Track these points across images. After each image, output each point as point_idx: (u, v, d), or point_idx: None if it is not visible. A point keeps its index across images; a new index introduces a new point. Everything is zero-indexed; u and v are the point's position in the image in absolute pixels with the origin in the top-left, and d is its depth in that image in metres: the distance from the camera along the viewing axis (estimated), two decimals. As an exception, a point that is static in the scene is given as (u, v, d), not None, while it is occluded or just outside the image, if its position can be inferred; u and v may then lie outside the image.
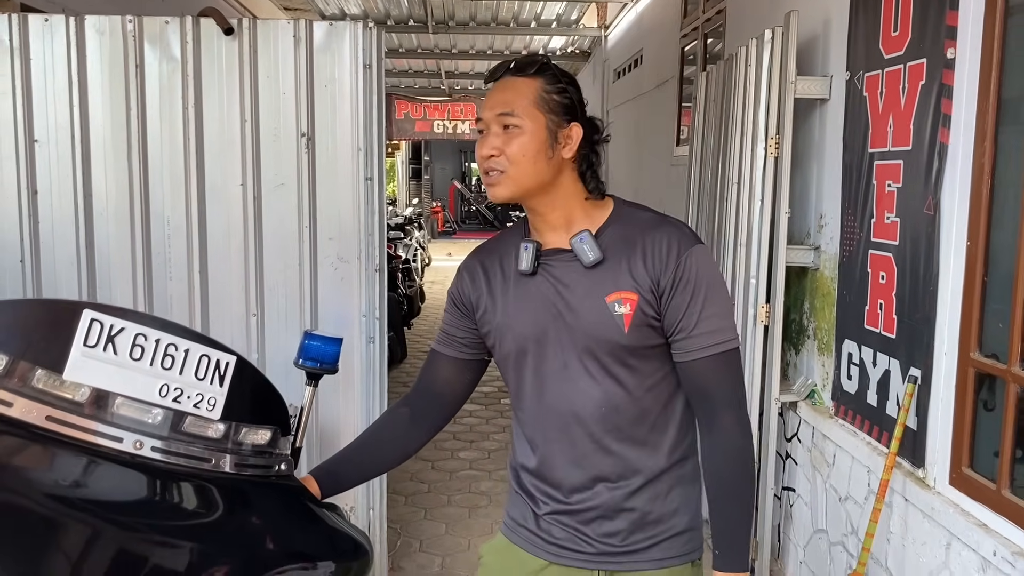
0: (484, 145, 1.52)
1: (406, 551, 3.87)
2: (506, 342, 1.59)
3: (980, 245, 2.32)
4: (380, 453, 1.67)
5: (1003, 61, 2.25)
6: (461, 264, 1.71)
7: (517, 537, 1.65)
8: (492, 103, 1.53)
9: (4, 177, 3.18)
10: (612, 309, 1.49)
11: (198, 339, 1.28)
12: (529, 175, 1.50)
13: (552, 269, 1.55)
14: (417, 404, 1.71)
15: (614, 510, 1.57)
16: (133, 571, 1.12)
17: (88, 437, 1.17)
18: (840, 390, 3.09)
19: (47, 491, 1.11)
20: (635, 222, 1.55)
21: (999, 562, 2.11)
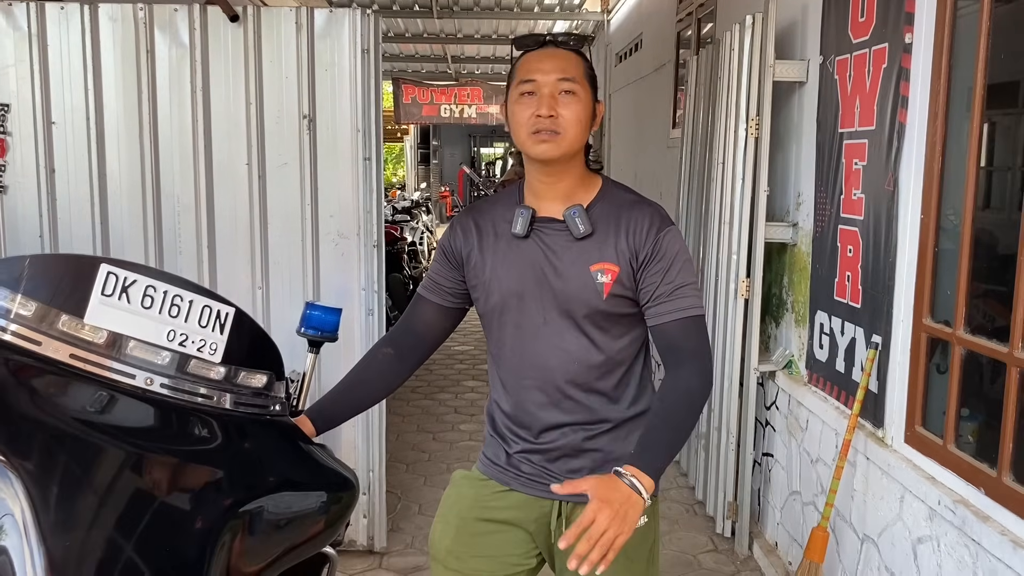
0: (543, 105, 1.61)
1: (405, 514, 4.06)
2: (492, 296, 1.74)
3: (932, 218, 2.48)
4: (367, 390, 1.84)
5: (953, 46, 2.40)
6: (455, 219, 1.86)
7: (490, 471, 1.83)
8: (550, 67, 1.64)
9: (23, 157, 3.38)
10: (595, 277, 1.67)
11: (201, 292, 1.47)
12: (576, 141, 1.66)
13: (544, 235, 1.71)
14: (400, 344, 1.86)
15: (578, 450, 1.75)
16: (143, 486, 1.31)
17: (106, 373, 1.35)
18: (813, 359, 3.26)
19: (72, 415, 1.30)
20: (619, 201, 1.73)
21: (942, 510, 2.28)
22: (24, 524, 1.16)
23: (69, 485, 1.24)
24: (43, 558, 1.15)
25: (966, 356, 2.36)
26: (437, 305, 1.85)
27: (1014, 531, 2.03)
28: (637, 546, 1.76)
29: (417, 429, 5.37)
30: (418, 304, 1.88)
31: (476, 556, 1.80)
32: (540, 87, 1.64)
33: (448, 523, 1.85)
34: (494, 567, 1.80)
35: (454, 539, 1.82)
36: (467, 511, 1.83)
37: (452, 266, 1.83)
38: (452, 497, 1.89)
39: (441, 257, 1.84)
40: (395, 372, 1.87)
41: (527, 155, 1.70)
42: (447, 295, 1.84)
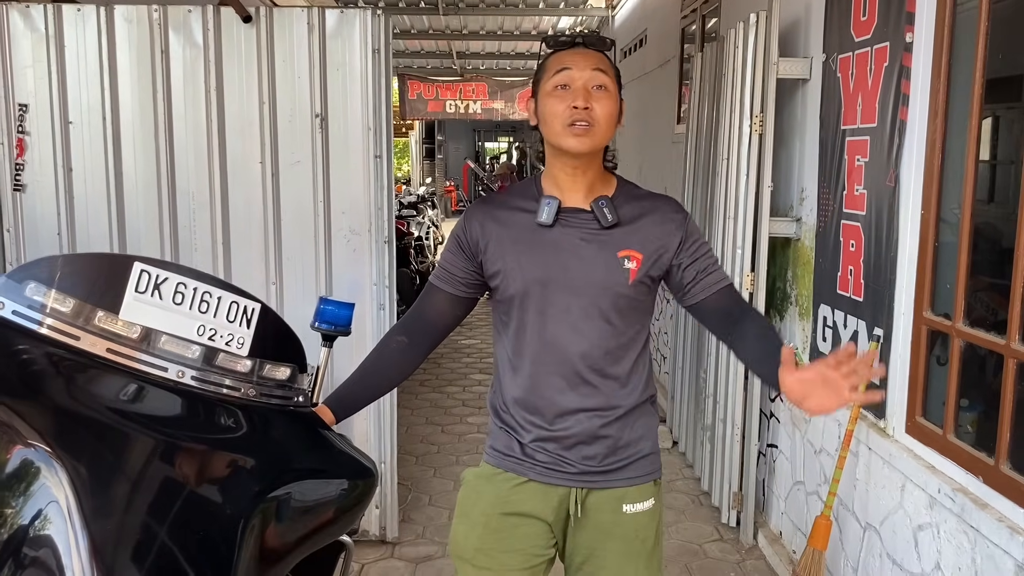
0: (578, 98, 1.68)
1: (416, 505, 4.14)
2: (515, 283, 1.79)
3: (932, 213, 2.54)
4: (382, 377, 1.89)
5: (952, 45, 2.46)
6: (469, 210, 1.89)
7: (504, 462, 1.87)
8: (584, 63, 1.71)
9: (41, 156, 3.45)
10: (622, 263, 1.75)
11: (229, 288, 1.53)
12: (607, 135, 1.74)
13: (570, 224, 1.77)
14: (412, 332, 1.90)
15: (593, 436, 1.81)
16: (176, 473, 1.38)
17: (140, 366, 1.42)
18: (816, 351, 3.32)
19: (109, 406, 1.37)
20: (637, 195, 1.83)
21: (942, 498, 2.35)
22: (68, 510, 1.23)
23: (109, 472, 1.31)
24: (86, 541, 1.22)
25: (965, 348, 2.42)
26: (449, 294, 1.89)
27: (1011, 517, 2.09)
28: (646, 525, 1.84)
29: (426, 422, 5.44)
30: (431, 293, 1.92)
31: (504, 551, 1.84)
32: (575, 80, 1.70)
33: (473, 522, 1.88)
34: (521, 560, 1.84)
35: (481, 537, 1.85)
36: (489, 508, 1.86)
37: (466, 256, 1.86)
38: (471, 497, 1.92)
39: (455, 247, 1.88)
40: (408, 359, 1.91)
41: (559, 147, 1.75)
42: (460, 285, 1.88)
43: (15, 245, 3.49)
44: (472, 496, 1.91)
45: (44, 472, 1.24)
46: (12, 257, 3.49)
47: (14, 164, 3.43)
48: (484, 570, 1.85)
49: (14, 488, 1.26)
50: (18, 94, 3.41)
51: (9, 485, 1.26)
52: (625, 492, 1.83)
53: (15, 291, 1.37)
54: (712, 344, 4.09)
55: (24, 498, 1.25)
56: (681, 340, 4.76)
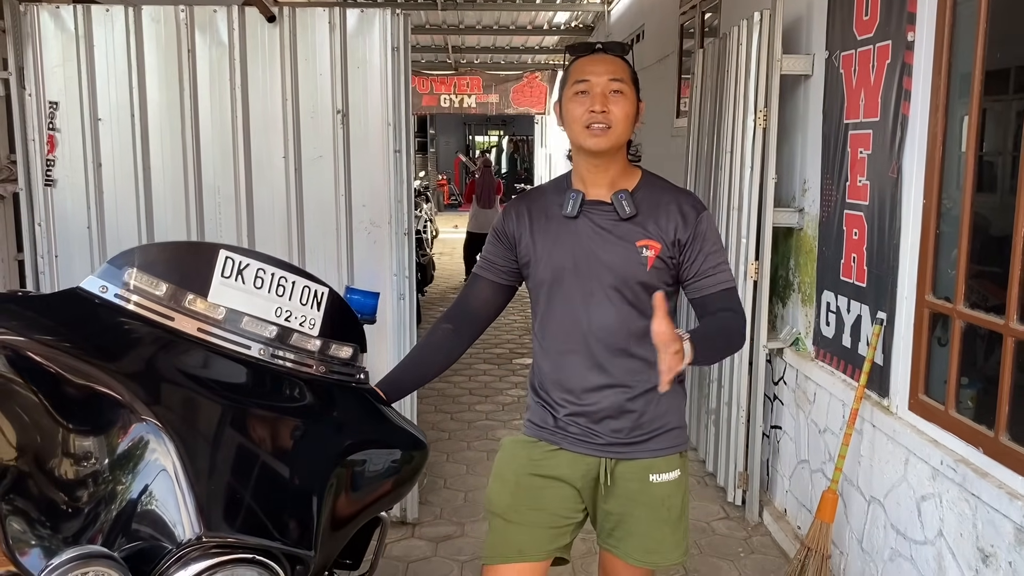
0: (596, 102, 1.85)
1: (432, 488, 4.28)
2: (543, 269, 1.96)
3: (934, 203, 2.69)
4: (431, 363, 2.05)
5: (952, 43, 2.61)
6: (509, 204, 2.09)
7: (540, 433, 2.03)
8: (602, 70, 1.88)
9: (72, 152, 3.56)
10: (640, 252, 1.91)
11: (302, 274, 1.67)
12: (623, 135, 1.89)
13: (592, 215, 1.93)
14: (457, 320, 2.08)
15: (619, 411, 1.96)
16: (264, 439, 1.51)
17: (226, 344, 1.56)
18: (820, 335, 3.48)
19: (201, 380, 1.50)
20: (659, 189, 1.99)
21: (945, 469, 2.51)
22: (176, 475, 1.37)
23: (206, 440, 1.45)
24: (193, 501, 1.36)
25: (965, 329, 2.58)
26: (492, 282, 2.07)
27: (1010, 484, 2.25)
28: (671, 494, 2.00)
29: (435, 410, 5.58)
30: (475, 282, 2.09)
31: (532, 509, 2.00)
32: (593, 87, 1.87)
33: (506, 481, 2.04)
34: (548, 519, 2.00)
35: (513, 494, 2.01)
36: (522, 468, 2.02)
37: (505, 247, 2.04)
38: (505, 459, 2.08)
39: (495, 239, 2.06)
40: (454, 345, 2.08)
41: (580, 147, 1.92)
42: (501, 273, 2.06)
43: (46, 238, 3.59)
44: (507, 458, 2.08)
45: (154, 443, 1.37)
46: (43, 250, 3.60)
47: (45, 160, 3.54)
48: (514, 524, 2.01)
49: (127, 463, 1.39)
50: (49, 92, 3.51)
51: (122, 461, 1.39)
52: (652, 463, 1.98)
53: (115, 276, 1.51)
54: (717, 331, 4.24)
55: (135, 470, 1.38)
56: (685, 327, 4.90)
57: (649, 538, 1.99)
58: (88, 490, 1.39)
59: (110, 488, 1.38)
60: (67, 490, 1.38)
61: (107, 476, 1.39)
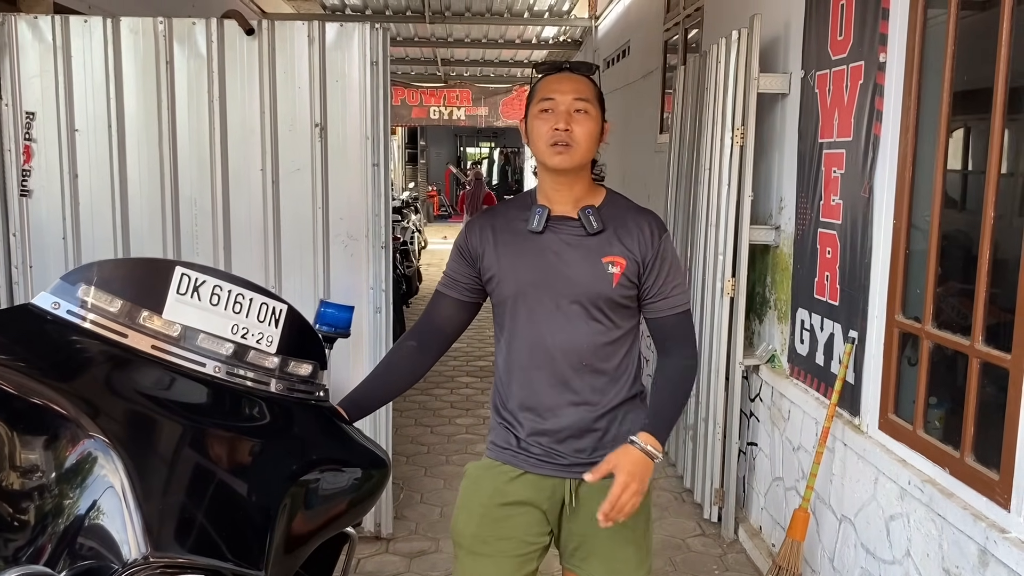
0: (560, 120, 1.86)
1: (408, 503, 4.26)
2: (508, 285, 1.95)
3: (904, 222, 2.71)
4: (394, 381, 2.03)
5: (922, 65, 2.63)
6: (471, 221, 2.05)
7: (502, 455, 2.01)
8: (567, 88, 1.89)
9: (48, 162, 3.55)
10: (606, 268, 1.91)
11: (259, 291, 1.66)
12: (586, 153, 1.90)
13: (558, 231, 1.93)
14: (422, 337, 2.05)
15: (582, 430, 1.95)
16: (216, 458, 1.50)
17: (180, 361, 1.55)
18: (794, 353, 3.49)
19: (153, 397, 1.49)
20: (622, 206, 1.99)
21: (912, 489, 2.51)
22: (123, 493, 1.35)
23: (156, 458, 1.44)
24: (140, 520, 1.35)
25: (934, 349, 2.59)
26: (455, 300, 2.04)
27: (974, 505, 2.26)
28: (636, 515, 1.96)
29: (415, 423, 5.57)
30: (438, 300, 2.07)
31: (500, 539, 1.97)
32: (557, 105, 1.88)
33: (471, 512, 2.02)
34: (515, 547, 1.98)
35: (479, 525, 1.99)
36: (487, 499, 2.00)
37: (468, 263, 2.01)
38: (471, 488, 2.05)
39: (457, 256, 2.04)
40: (419, 363, 2.05)
41: (544, 164, 1.93)
42: (464, 290, 2.03)
43: (21, 249, 3.58)
44: (472, 487, 2.05)
45: (102, 460, 1.36)
46: (18, 260, 3.59)
47: (21, 170, 3.53)
48: (481, 556, 1.99)
49: (74, 479, 1.38)
50: (26, 102, 3.50)
51: (69, 476, 1.38)
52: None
53: (69, 292, 1.50)
54: (695, 347, 4.24)
55: (84, 485, 1.37)
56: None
57: (613, 558, 1.98)
58: (34, 505, 1.38)
59: (56, 504, 1.37)
60: (12, 504, 1.37)
61: (54, 492, 1.38)
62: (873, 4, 2.83)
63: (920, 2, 2.63)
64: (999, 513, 2.17)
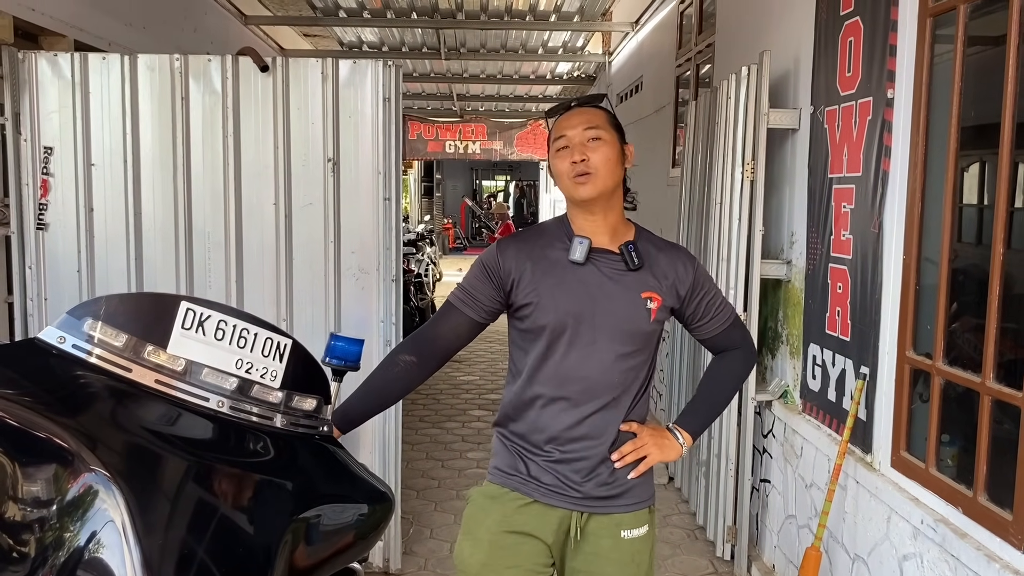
0: (575, 153, 1.89)
1: (418, 538, 4.23)
2: (547, 314, 1.91)
3: (913, 258, 2.69)
4: (389, 397, 2.01)
5: (930, 102, 2.64)
6: (503, 242, 2.00)
7: (509, 482, 1.98)
8: (577, 122, 1.92)
9: (64, 196, 3.60)
10: (644, 304, 1.93)
11: (264, 326, 1.67)
12: (609, 178, 1.91)
13: (600, 264, 1.93)
14: (423, 353, 2.00)
15: (597, 462, 1.94)
16: (218, 493, 1.50)
17: (184, 396, 1.56)
18: (807, 388, 3.46)
19: (158, 433, 1.50)
20: (654, 243, 2.02)
21: (925, 529, 2.47)
22: (123, 528, 1.36)
23: (157, 493, 1.44)
24: (139, 555, 1.35)
25: (945, 386, 2.56)
26: (469, 318, 1.98)
27: (988, 546, 2.22)
28: (640, 550, 1.98)
29: (426, 457, 5.54)
30: (451, 315, 2.00)
31: (507, 567, 1.95)
32: (571, 140, 1.92)
33: (479, 540, 1.98)
34: (523, 574, 1.95)
35: (487, 554, 1.96)
36: (495, 526, 1.97)
37: (494, 286, 1.95)
38: (477, 516, 2.02)
39: (483, 275, 1.97)
40: (414, 378, 2.01)
41: (572, 199, 1.95)
42: (483, 311, 1.98)
43: (36, 281, 3.62)
44: (478, 515, 2.01)
45: (103, 494, 1.36)
46: (33, 293, 3.63)
47: (38, 204, 3.58)
48: None
49: (74, 512, 1.38)
50: (44, 137, 3.57)
51: (70, 509, 1.39)
52: (623, 518, 1.96)
53: (74, 327, 1.51)
54: (707, 381, 4.22)
55: (84, 518, 1.37)
56: (677, 378, 4.89)
57: None
58: (34, 537, 1.38)
59: (56, 537, 1.37)
60: (12, 536, 1.37)
61: (54, 524, 1.38)
62: (881, 41, 2.84)
63: (927, 39, 2.64)
64: (1013, 554, 2.13)
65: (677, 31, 6.27)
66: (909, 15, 2.71)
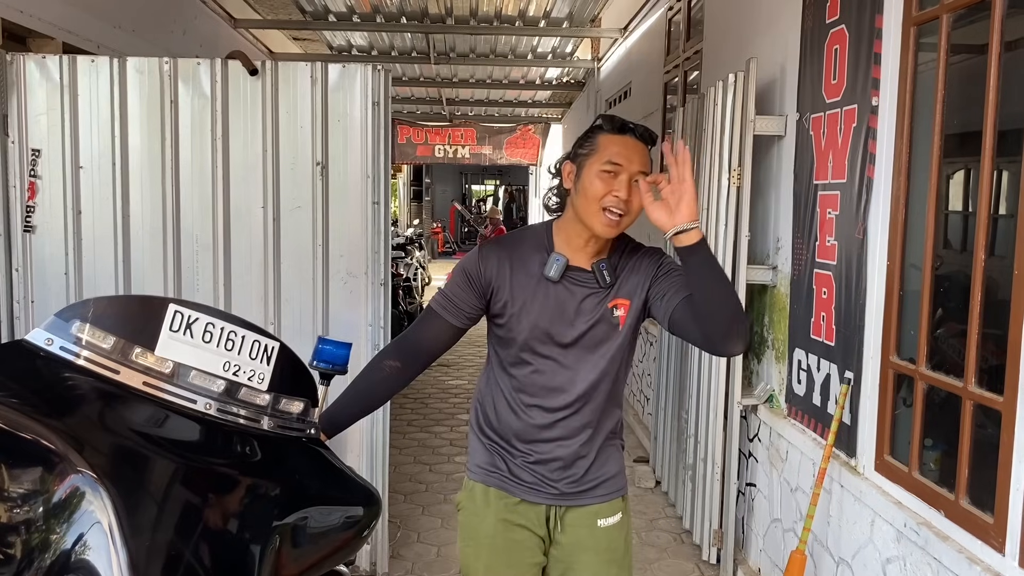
0: (622, 189, 1.84)
1: (405, 542, 4.23)
2: (522, 326, 1.96)
3: (897, 264, 2.72)
4: (374, 401, 2.05)
5: (913, 109, 2.67)
6: (485, 249, 2.01)
7: (492, 479, 2.06)
8: (636, 159, 1.87)
9: (52, 199, 3.59)
10: (613, 313, 1.97)
11: (252, 328, 1.68)
12: (631, 224, 1.91)
13: (573, 282, 1.96)
14: (407, 357, 2.03)
15: (574, 458, 2.02)
16: (205, 495, 1.51)
17: (172, 398, 1.56)
18: (792, 393, 3.48)
19: (145, 435, 1.50)
20: (628, 249, 2.02)
21: (908, 532, 2.50)
22: (110, 529, 1.36)
23: (144, 495, 1.44)
24: (126, 556, 1.35)
25: (928, 391, 2.59)
26: (451, 324, 2.02)
27: (969, 549, 2.24)
28: (616, 536, 2.07)
29: (414, 461, 5.54)
30: (432, 320, 2.03)
31: (507, 566, 2.05)
32: (622, 171, 1.86)
33: (480, 544, 2.07)
34: (522, 571, 2.06)
35: (489, 555, 2.05)
36: (491, 528, 2.05)
37: (476, 293, 1.99)
38: (472, 521, 2.09)
39: (465, 282, 2.00)
40: (398, 381, 2.05)
41: (589, 224, 1.90)
42: (464, 317, 2.01)
43: (23, 284, 3.61)
44: (473, 520, 2.09)
45: (90, 496, 1.37)
46: (20, 295, 3.62)
47: (25, 206, 3.57)
48: None
49: (61, 513, 1.39)
50: (32, 139, 3.56)
51: (57, 511, 1.39)
52: (598, 508, 2.06)
53: (63, 329, 1.52)
54: (693, 386, 4.25)
55: (71, 520, 1.38)
56: (664, 382, 4.92)
57: None
58: (20, 539, 1.38)
59: (43, 539, 1.37)
60: (-1, 538, 1.38)
61: (41, 526, 1.38)
62: (865, 49, 2.87)
63: (911, 47, 2.67)
64: (994, 557, 2.16)
65: (665, 38, 6.31)
66: (893, 23, 2.74)
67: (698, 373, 4.16)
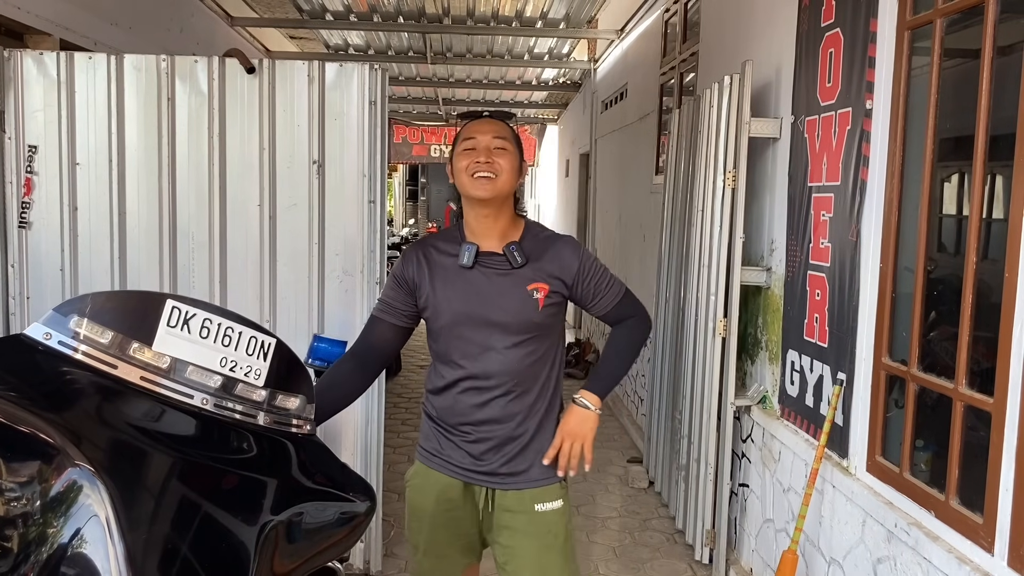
0: (480, 155, 2.07)
1: (398, 540, 4.24)
2: (443, 316, 2.12)
3: (890, 266, 2.74)
4: (333, 401, 2.11)
5: (907, 113, 2.69)
6: (407, 251, 2.22)
7: (433, 462, 2.18)
8: (487, 130, 2.12)
9: (48, 195, 3.59)
10: (531, 295, 2.10)
11: (249, 324, 1.68)
12: (507, 184, 2.10)
13: (487, 266, 2.11)
14: (360, 359, 2.19)
15: (507, 439, 2.12)
16: (201, 490, 1.51)
17: (169, 393, 1.57)
18: (785, 394, 3.50)
19: (141, 428, 1.51)
20: (541, 236, 2.18)
21: (899, 532, 2.51)
22: (107, 523, 1.36)
23: (141, 489, 1.45)
24: (123, 550, 1.36)
25: (920, 392, 2.61)
26: (391, 324, 2.20)
27: (959, 549, 2.26)
28: (556, 522, 2.15)
29: (408, 460, 5.54)
30: (373, 324, 2.22)
31: (447, 543, 2.19)
32: (479, 143, 2.11)
33: (422, 521, 2.20)
34: (463, 545, 2.20)
35: (430, 531, 2.18)
36: (433, 507, 2.18)
37: (405, 291, 2.18)
38: (416, 499, 2.23)
39: (395, 283, 2.20)
40: (360, 379, 2.20)
41: (468, 196, 2.11)
42: (400, 316, 2.19)
43: (19, 280, 3.61)
44: (419, 498, 2.22)
45: (87, 489, 1.37)
46: (15, 291, 3.62)
47: (21, 203, 3.57)
48: (435, 557, 2.20)
49: (58, 507, 1.39)
50: (28, 136, 3.56)
51: (54, 505, 1.39)
52: (536, 492, 2.15)
53: (61, 323, 1.52)
54: (687, 387, 4.27)
55: (68, 513, 1.38)
56: (657, 383, 4.93)
57: (541, 564, 2.14)
58: (17, 532, 1.38)
59: (40, 532, 1.37)
60: (-6, 531, 1.38)
61: (38, 520, 1.38)
62: (860, 52, 2.89)
63: (905, 51, 2.70)
64: (983, 557, 2.18)
65: (662, 39, 6.33)
66: (888, 27, 2.76)
67: (692, 374, 4.18)
